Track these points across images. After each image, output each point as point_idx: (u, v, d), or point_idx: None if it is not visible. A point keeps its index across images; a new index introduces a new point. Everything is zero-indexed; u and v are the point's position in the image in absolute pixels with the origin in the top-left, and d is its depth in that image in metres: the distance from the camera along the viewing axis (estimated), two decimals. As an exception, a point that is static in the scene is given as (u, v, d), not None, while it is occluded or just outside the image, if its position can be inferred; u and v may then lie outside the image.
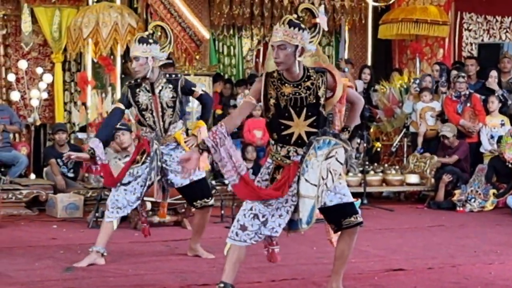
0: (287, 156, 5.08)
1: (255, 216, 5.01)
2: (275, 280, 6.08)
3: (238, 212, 5.11)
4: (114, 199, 6.64)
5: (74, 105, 12.35)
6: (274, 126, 5.11)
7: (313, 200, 4.96)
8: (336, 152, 4.98)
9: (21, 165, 10.78)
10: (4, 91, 12.19)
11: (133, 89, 6.68)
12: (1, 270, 6.30)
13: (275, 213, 5.03)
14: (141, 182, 6.67)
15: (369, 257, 7.12)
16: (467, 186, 11.04)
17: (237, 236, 5.05)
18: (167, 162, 6.74)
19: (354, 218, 5.23)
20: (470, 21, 14.06)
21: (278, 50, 4.96)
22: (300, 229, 5.06)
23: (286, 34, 4.96)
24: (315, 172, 4.93)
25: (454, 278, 6.27)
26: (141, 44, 6.58)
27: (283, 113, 5.06)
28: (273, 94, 5.05)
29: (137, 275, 6.24)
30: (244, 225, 5.02)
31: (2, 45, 12.38)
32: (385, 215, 10.37)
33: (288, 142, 5.08)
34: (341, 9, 13.71)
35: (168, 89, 6.68)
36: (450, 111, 11.95)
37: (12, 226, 8.93)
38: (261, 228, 5.02)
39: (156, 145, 6.66)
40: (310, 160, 4.93)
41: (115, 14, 11.36)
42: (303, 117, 5.06)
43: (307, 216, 4.97)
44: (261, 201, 5.00)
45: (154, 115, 6.67)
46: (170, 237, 8.17)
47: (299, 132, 5.07)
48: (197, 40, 11.77)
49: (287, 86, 5.05)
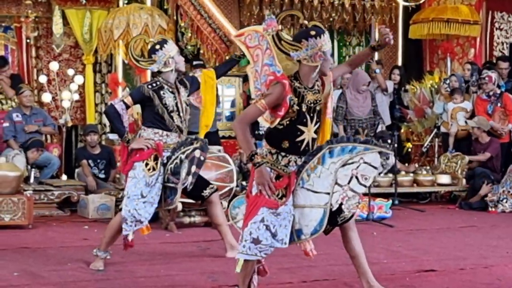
0: (286, 166, 5.01)
1: (267, 228, 4.92)
2: (306, 281, 6.08)
3: (247, 227, 4.96)
4: (135, 213, 6.45)
5: (105, 106, 12.42)
6: (289, 133, 5.01)
7: (322, 209, 4.93)
8: (362, 158, 4.93)
9: (53, 166, 10.86)
10: (36, 93, 12.28)
11: (157, 92, 6.61)
12: (34, 270, 6.35)
13: (282, 223, 4.95)
14: (158, 191, 6.56)
15: (401, 258, 7.09)
16: (499, 187, 10.95)
17: (250, 250, 4.96)
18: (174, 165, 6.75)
19: (347, 212, 5.09)
20: (501, 20, 13.95)
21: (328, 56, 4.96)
22: (295, 241, 5.01)
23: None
24: (325, 180, 4.91)
25: (486, 279, 6.23)
26: (172, 43, 6.79)
27: (302, 119, 5.01)
28: (296, 100, 4.98)
29: (168, 275, 6.26)
30: (257, 238, 4.92)
31: (34, 47, 12.50)
32: (416, 216, 10.32)
33: (297, 150, 5.01)
34: (371, 9, 13.65)
35: (183, 89, 6.78)
36: (480, 111, 11.86)
37: (44, 227, 9.00)
38: (272, 241, 4.94)
39: (170, 152, 6.63)
40: (313, 169, 4.91)
41: (145, 16, 11.40)
42: (314, 123, 5.06)
43: (315, 225, 4.94)
44: (270, 212, 4.91)
45: (181, 116, 6.70)
46: (201, 237, 8.19)
47: (308, 139, 5.05)
48: (227, 41, 11.77)
49: (310, 93, 5.02)
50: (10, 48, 12.59)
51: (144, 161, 6.52)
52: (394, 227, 9.04)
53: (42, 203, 9.90)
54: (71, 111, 11.81)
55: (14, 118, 11.05)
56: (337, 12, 13.47)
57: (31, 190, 9.66)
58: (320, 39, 4.91)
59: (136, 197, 6.46)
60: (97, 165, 10.85)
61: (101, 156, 10.93)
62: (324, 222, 4.94)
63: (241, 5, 13.36)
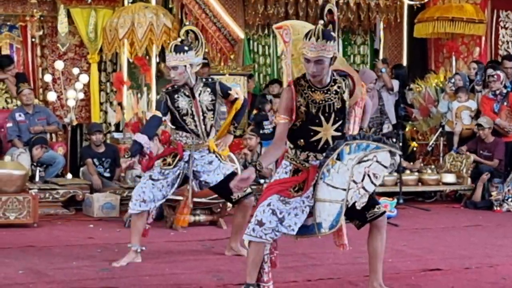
0: (306, 160, 5.09)
1: (273, 212, 5.01)
2: (311, 279, 6.08)
3: (257, 209, 5.09)
4: (140, 191, 6.69)
5: (110, 105, 12.43)
6: (302, 133, 5.08)
7: (339, 204, 4.96)
8: (375, 156, 4.95)
9: (58, 165, 10.86)
10: (41, 92, 12.29)
11: (171, 95, 6.72)
12: (39, 269, 6.36)
13: (291, 212, 5.02)
14: (170, 182, 6.72)
15: (406, 257, 7.09)
16: (504, 186, 10.94)
17: (254, 232, 5.03)
18: (198, 166, 6.79)
19: (377, 209, 5.21)
20: (506, 19, 13.94)
21: (316, 64, 4.92)
22: (316, 233, 5.04)
23: (323, 49, 4.89)
24: (343, 176, 4.93)
25: (491, 278, 6.23)
26: (178, 53, 6.60)
27: (314, 119, 5.05)
28: (303, 102, 5.03)
29: (174, 274, 6.26)
30: (261, 220, 5.01)
31: (39, 46, 12.50)
32: (421, 215, 10.31)
33: (315, 148, 5.08)
34: (376, 7, 13.63)
35: (207, 93, 6.75)
36: (486, 109, 11.84)
37: (49, 226, 9.01)
38: (278, 225, 5.01)
39: (190, 153, 6.69)
40: (333, 164, 4.92)
41: (150, 15, 11.41)
42: (331, 122, 5.07)
43: (332, 220, 4.97)
44: (279, 199, 5.01)
45: (196, 119, 6.72)
46: (206, 236, 8.20)
47: (327, 137, 5.07)
48: (232, 40, 11.78)
49: (317, 92, 5.04)
50: (15, 47, 12.57)
51: (162, 157, 6.77)
52: (399, 226, 9.03)
53: (47, 201, 9.91)
54: (76, 110, 11.80)
55: (17, 117, 11.06)
56: (342, 10, 13.45)
57: (36, 188, 9.69)
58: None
59: (146, 178, 6.75)
60: (102, 163, 10.85)
61: (106, 155, 10.93)
62: (340, 218, 4.98)
63: (246, 4, 13.36)
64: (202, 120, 6.73)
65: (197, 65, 6.72)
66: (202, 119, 6.73)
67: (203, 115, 6.73)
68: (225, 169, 6.86)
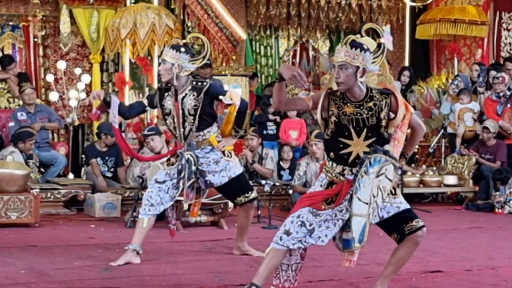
0: (341, 174, 5.11)
1: (302, 224, 5.05)
2: (312, 281, 6.06)
3: (286, 219, 5.13)
4: (148, 196, 6.71)
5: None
6: (333, 145, 5.12)
7: (365, 219, 4.97)
8: (386, 169, 4.98)
9: (59, 165, 10.87)
10: (43, 92, 12.31)
11: (162, 92, 6.76)
12: (40, 269, 6.36)
13: (322, 224, 5.07)
14: (175, 183, 6.72)
15: (407, 259, 7.07)
16: (505, 188, 10.94)
17: (281, 241, 5.08)
18: (203, 165, 6.77)
19: (416, 222, 5.27)
20: (509, 21, 13.94)
21: (339, 70, 4.97)
22: (353, 248, 5.07)
23: (348, 54, 4.97)
24: (367, 190, 4.95)
25: (493, 281, 6.22)
26: (172, 50, 6.60)
27: (343, 132, 5.08)
28: (335, 112, 5.07)
29: (175, 274, 6.26)
30: (289, 230, 5.05)
31: (41, 46, 12.52)
32: (422, 217, 10.19)
33: (345, 162, 5.09)
34: (378, 9, 13.63)
35: (192, 97, 6.63)
36: (490, 111, 11.84)
37: (50, 225, 9.01)
38: (307, 236, 5.06)
39: (188, 155, 6.68)
40: (362, 178, 4.94)
41: (153, 15, 11.42)
42: (363, 137, 5.08)
43: (359, 234, 4.99)
44: (310, 211, 5.05)
45: (175, 121, 6.70)
46: (207, 237, 8.20)
47: (358, 152, 5.08)
48: (234, 41, 11.79)
49: (349, 105, 5.06)
50: (17, 47, 12.61)
51: (167, 158, 6.91)
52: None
53: (49, 201, 9.91)
54: (78, 110, 11.82)
55: (19, 117, 11.08)
56: (344, 12, 13.46)
57: (38, 188, 9.69)
58: None
59: (152, 182, 6.80)
60: (105, 162, 10.84)
61: (109, 154, 10.91)
62: (366, 232, 5.00)
63: (248, 4, 13.37)
64: (182, 123, 6.67)
65: (186, 70, 6.63)
66: (181, 122, 6.67)
67: (183, 118, 6.66)
68: (232, 172, 6.82)
